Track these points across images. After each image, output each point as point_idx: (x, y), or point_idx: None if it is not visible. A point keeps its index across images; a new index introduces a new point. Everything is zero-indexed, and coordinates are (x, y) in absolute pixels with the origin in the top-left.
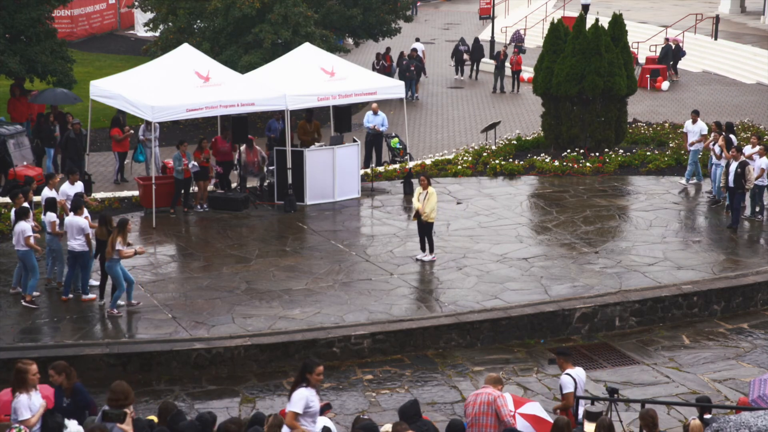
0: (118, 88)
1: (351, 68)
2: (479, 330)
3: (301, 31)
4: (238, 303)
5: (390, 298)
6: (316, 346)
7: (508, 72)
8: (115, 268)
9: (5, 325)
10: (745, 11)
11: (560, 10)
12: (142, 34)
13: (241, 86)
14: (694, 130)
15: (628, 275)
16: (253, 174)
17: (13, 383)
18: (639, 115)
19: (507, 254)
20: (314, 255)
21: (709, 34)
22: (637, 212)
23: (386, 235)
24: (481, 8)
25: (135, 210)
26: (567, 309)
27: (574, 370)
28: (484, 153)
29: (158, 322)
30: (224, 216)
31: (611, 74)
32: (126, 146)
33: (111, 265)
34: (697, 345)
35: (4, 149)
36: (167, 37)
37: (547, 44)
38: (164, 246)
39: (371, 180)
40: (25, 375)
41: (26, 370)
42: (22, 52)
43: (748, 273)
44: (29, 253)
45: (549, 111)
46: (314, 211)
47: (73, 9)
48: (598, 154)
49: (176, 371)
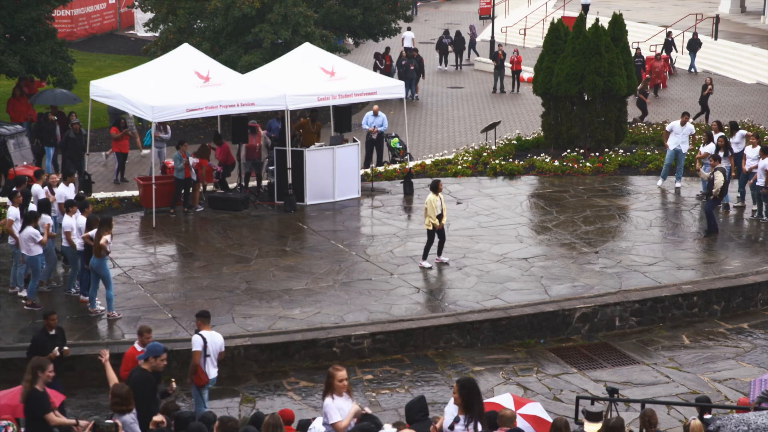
0: (118, 88)
1: (351, 68)
2: (479, 330)
3: (301, 31)
4: (238, 303)
5: (390, 298)
6: (316, 346)
7: (508, 72)
8: (106, 267)
9: (5, 325)
10: (745, 11)
11: (560, 10)
12: (142, 34)
13: (241, 86)
14: (683, 131)
15: (628, 275)
16: (254, 163)
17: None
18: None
19: (507, 254)
20: (314, 255)
21: (709, 34)
22: (637, 212)
23: (386, 235)
24: (481, 8)
25: (135, 210)
26: (567, 309)
27: (210, 332)
28: (484, 153)
29: (158, 322)
30: (224, 216)
31: (611, 74)
32: (126, 146)
33: (102, 264)
34: (697, 345)
35: (4, 149)
36: (167, 37)
37: (547, 44)
38: (164, 246)
39: (371, 180)
40: (332, 380)
41: (333, 375)
42: (22, 52)
43: (748, 273)
44: (37, 258)
45: (549, 111)
46: (314, 211)
47: (73, 9)
48: (598, 154)
49: (176, 371)
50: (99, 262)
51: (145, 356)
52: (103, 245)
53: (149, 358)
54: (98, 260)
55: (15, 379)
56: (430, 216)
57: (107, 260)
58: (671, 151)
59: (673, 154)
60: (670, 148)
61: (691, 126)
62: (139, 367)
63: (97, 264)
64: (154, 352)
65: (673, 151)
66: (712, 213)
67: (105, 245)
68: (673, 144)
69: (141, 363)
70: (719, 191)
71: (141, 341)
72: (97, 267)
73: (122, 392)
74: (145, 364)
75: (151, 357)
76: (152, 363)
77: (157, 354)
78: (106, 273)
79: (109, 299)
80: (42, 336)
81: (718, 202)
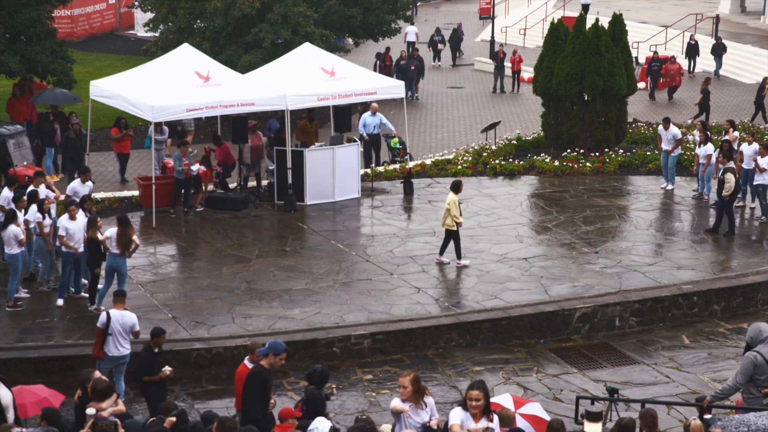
0: (118, 88)
1: (351, 68)
2: (479, 330)
3: (301, 31)
4: (238, 303)
5: (390, 298)
6: (316, 346)
7: (508, 72)
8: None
9: (5, 325)
10: (745, 11)
11: (560, 10)
12: (142, 34)
13: (241, 86)
14: (667, 136)
15: (628, 275)
16: (254, 163)
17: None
18: (639, 115)
19: (507, 254)
20: (314, 255)
21: (709, 34)
22: (637, 212)
23: (386, 235)
24: (481, 8)
25: (135, 210)
26: (567, 309)
27: (120, 312)
28: (484, 153)
29: (158, 322)
30: (224, 216)
31: (611, 74)
32: (127, 147)
33: (124, 261)
34: (697, 345)
35: (4, 149)
36: (167, 37)
37: (547, 44)
38: (164, 246)
39: (371, 180)
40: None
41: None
42: (22, 52)
43: (748, 273)
44: (17, 257)
45: (549, 111)
46: (314, 211)
47: (73, 9)
48: (598, 154)
49: (176, 371)
50: (122, 260)
51: (265, 351)
52: (136, 241)
53: (269, 354)
54: (121, 258)
55: (15, 379)
56: (454, 215)
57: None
58: (673, 156)
59: (664, 156)
60: (671, 154)
61: (675, 130)
62: (258, 363)
63: (120, 262)
64: (274, 350)
65: (664, 153)
66: (732, 213)
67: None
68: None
69: (260, 358)
70: (731, 191)
71: (251, 359)
72: (121, 265)
73: (102, 387)
74: (264, 360)
75: (271, 353)
76: (271, 360)
77: (277, 352)
78: (126, 270)
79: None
80: (148, 354)
81: (732, 202)
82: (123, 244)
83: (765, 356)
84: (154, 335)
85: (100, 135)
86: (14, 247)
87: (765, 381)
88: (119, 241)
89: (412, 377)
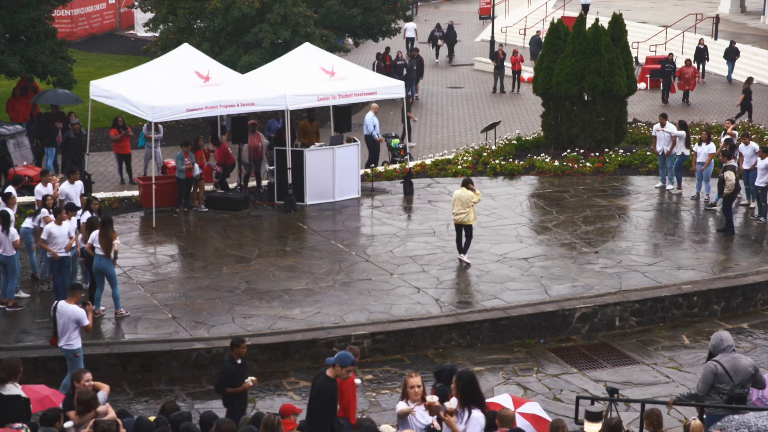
0: (118, 88)
1: (351, 68)
2: (479, 330)
3: (301, 31)
4: (238, 303)
5: (390, 298)
6: (316, 346)
7: (508, 72)
8: (112, 266)
9: (5, 325)
10: (745, 11)
11: (560, 10)
12: (142, 34)
13: (241, 86)
14: (664, 135)
15: (628, 275)
16: (254, 163)
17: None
18: (639, 115)
19: (507, 254)
20: (314, 255)
21: (709, 34)
22: (637, 212)
23: (386, 235)
24: (481, 8)
25: (135, 210)
26: (567, 309)
27: (65, 305)
28: (484, 153)
29: (158, 322)
30: (224, 216)
31: (611, 74)
32: (127, 147)
33: (109, 263)
34: (697, 345)
35: (4, 149)
36: (167, 37)
37: (547, 44)
38: (164, 246)
39: (371, 180)
40: (404, 386)
41: (406, 381)
42: (22, 52)
43: (748, 273)
44: (13, 258)
45: (549, 111)
46: (314, 211)
47: (73, 9)
48: (598, 154)
49: (176, 371)
50: (107, 262)
51: (333, 361)
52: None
53: (336, 365)
54: (106, 260)
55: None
56: (475, 202)
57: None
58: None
59: (661, 156)
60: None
61: (672, 128)
62: (323, 372)
63: (105, 264)
64: (342, 361)
65: (661, 154)
66: (731, 213)
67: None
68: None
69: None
70: (731, 189)
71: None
72: (105, 267)
73: (86, 398)
74: (330, 371)
75: (338, 364)
76: (337, 371)
77: (344, 364)
78: (113, 272)
79: (116, 298)
80: (232, 366)
81: (732, 200)
82: (104, 245)
83: (725, 366)
84: (234, 345)
85: (100, 135)
86: (9, 248)
87: (726, 389)
88: (100, 243)
89: (420, 377)
